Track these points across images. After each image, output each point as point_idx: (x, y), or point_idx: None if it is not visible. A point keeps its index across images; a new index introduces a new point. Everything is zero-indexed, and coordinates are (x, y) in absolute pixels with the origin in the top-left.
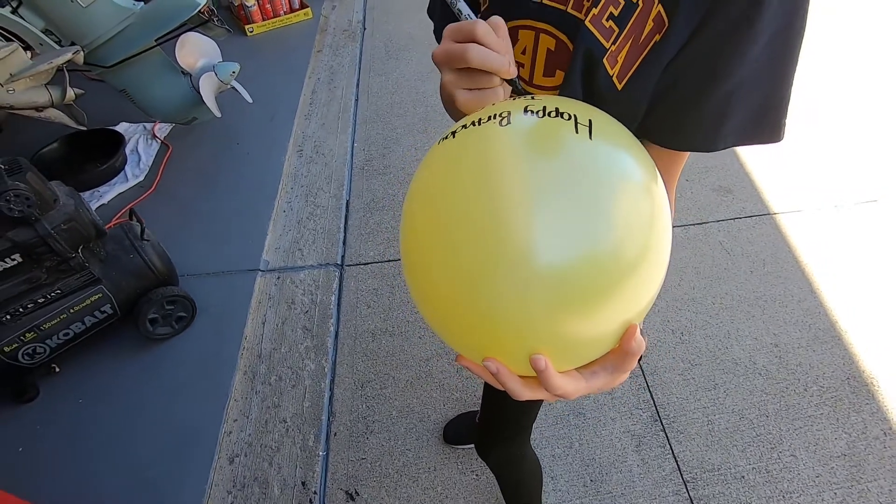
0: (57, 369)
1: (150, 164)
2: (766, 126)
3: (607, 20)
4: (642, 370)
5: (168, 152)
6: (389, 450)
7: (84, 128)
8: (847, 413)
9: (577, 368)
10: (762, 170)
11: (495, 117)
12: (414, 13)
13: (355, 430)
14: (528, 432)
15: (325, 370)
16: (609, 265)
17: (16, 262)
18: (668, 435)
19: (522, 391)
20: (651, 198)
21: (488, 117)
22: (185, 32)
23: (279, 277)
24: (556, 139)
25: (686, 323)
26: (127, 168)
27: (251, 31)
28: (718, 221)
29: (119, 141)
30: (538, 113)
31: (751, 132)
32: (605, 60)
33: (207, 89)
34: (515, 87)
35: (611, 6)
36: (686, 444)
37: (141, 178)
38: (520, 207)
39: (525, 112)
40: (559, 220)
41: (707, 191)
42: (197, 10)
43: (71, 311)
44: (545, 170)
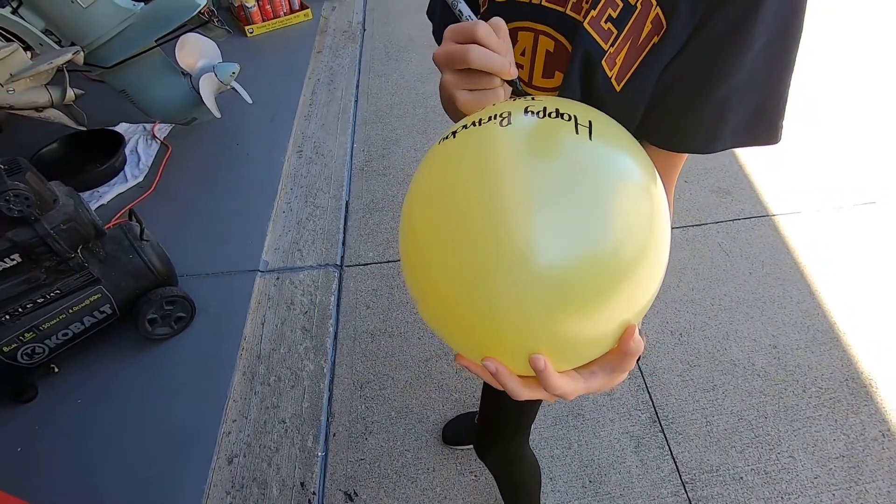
0: (56, 369)
1: (149, 165)
2: (763, 128)
3: (606, 22)
4: (641, 371)
5: (168, 153)
6: (388, 450)
7: (84, 128)
8: (845, 414)
9: (575, 369)
10: (761, 171)
11: (496, 117)
12: (413, 14)
13: (354, 431)
14: (526, 433)
15: (325, 371)
16: (609, 265)
17: (15, 262)
18: (667, 436)
19: (521, 391)
20: (650, 199)
21: (489, 117)
22: (185, 33)
23: (278, 278)
24: (556, 140)
25: (685, 324)
26: (126, 168)
27: (251, 32)
28: (717, 223)
29: (119, 141)
30: (538, 113)
31: (748, 134)
32: (603, 62)
33: (207, 90)
34: (516, 87)
35: (609, 8)
36: (685, 445)
37: (140, 179)
38: (520, 207)
39: (525, 112)
40: (559, 220)
41: (706, 192)
42: (197, 10)
43: (70, 311)
44: (545, 170)
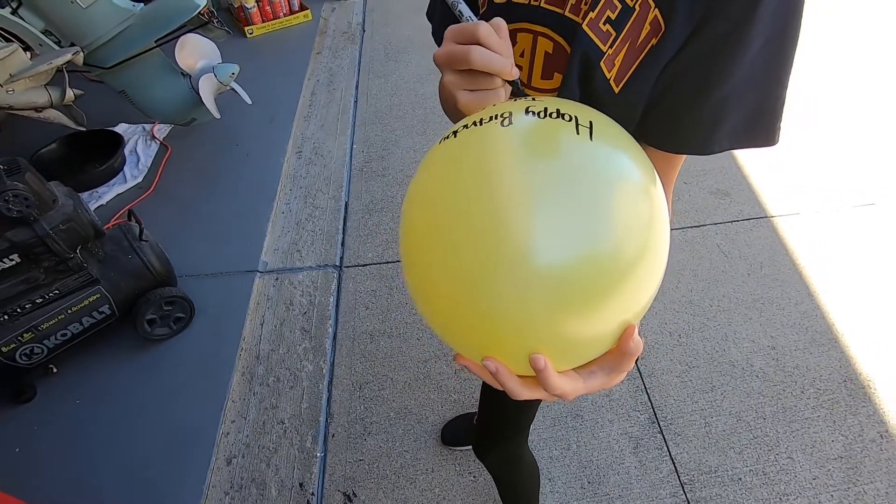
0: (55, 370)
1: (148, 165)
2: (761, 129)
3: (604, 24)
4: (640, 372)
5: (167, 153)
6: (387, 451)
7: (83, 128)
8: (844, 415)
9: (574, 369)
10: (760, 173)
11: (497, 117)
12: (413, 16)
13: (353, 432)
14: (525, 433)
15: (324, 371)
16: (608, 265)
17: (14, 262)
18: (666, 437)
19: (521, 391)
20: (650, 199)
21: (490, 117)
22: (184, 34)
23: (278, 279)
24: (556, 140)
25: (684, 325)
26: (126, 169)
27: (251, 33)
28: (716, 224)
29: (118, 142)
30: (539, 114)
31: (746, 135)
32: (602, 64)
33: (207, 91)
34: (516, 88)
35: (608, 10)
36: (683, 446)
37: (140, 179)
38: (520, 207)
39: (526, 113)
40: (559, 220)
41: (705, 193)
42: (197, 11)
43: (69, 311)
44: (545, 170)
